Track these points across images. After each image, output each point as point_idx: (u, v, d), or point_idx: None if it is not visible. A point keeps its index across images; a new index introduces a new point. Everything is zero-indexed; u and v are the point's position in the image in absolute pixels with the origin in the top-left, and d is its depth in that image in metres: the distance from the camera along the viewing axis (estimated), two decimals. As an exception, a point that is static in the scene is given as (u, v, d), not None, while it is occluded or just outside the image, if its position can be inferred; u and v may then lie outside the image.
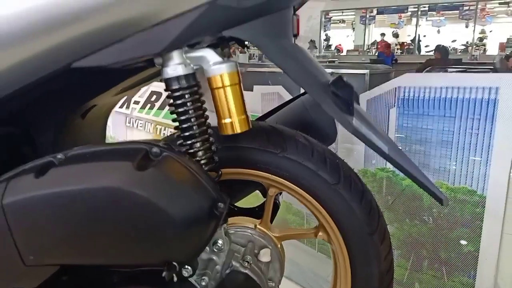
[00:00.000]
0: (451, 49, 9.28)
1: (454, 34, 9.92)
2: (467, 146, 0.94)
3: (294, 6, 0.68)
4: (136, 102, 2.15)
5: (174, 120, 0.67)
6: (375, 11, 9.77)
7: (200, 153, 0.67)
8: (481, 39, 9.97)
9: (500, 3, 9.13)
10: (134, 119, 2.18)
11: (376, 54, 9.66)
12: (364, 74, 3.35)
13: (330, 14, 10.63)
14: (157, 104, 2.01)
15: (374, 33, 10.38)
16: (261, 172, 0.78)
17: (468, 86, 0.90)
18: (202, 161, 0.67)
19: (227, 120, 0.65)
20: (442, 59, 6.80)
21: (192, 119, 0.65)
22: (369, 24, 10.14)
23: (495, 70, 5.57)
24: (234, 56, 3.67)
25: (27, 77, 0.57)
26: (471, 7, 9.41)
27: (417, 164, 1.03)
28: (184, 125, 0.65)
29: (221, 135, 0.66)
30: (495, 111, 0.88)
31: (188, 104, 0.65)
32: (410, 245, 1.06)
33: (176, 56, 0.63)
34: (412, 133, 1.02)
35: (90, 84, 0.70)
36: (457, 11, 9.43)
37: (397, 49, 10.29)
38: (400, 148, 1.05)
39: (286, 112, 0.97)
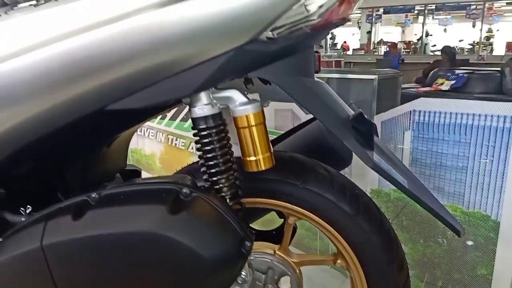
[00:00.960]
0: (458, 49, 9.24)
1: (461, 33, 9.88)
2: (481, 172, 0.95)
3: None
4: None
5: (200, 156, 0.69)
6: (381, 10, 9.72)
7: (225, 189, 0.69)
8: (488, 38, 9.93)
9: (507, 3, 9.08)
10: (146, 128, 2.21)
11: (383, 53, 9.63)
12: (372, 79, 3.36)
13: (336, 13, 10.57)
14: (169, 115, 2.04)
15: (380, 32, 10.34)
16: (281, 202, 0.80)
17: (483, 114, 0.92)
18: (227, 196, 0.69)
19: (252, 158, 0.68)
20: (449, 61, 6.78)
21: (218, 157, 0.67)
22: (375, 23, 10.10)
23: (502, 72, 5.55)
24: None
25: (64, 118, 0.60)
26: (478, 6, 9.36)
27: (432, 187, 1.05)
28: (210, 162, 0.67)
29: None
30: (510, 139, 0.89)
31: (215, 142, 0.67)
32: (424, 266, 1.08)
33: (203, 97, 0.65)
34: (427, 156, 1.04)
35: (120, 121, 0.72)
36: (464, 11, 9.38)
37: (404, 48, 10.26)
38: (416, 175, 1.06)
39: (302, 135, 0.99)
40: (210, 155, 0.67)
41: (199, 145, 0.68)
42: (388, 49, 9.34)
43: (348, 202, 0.77)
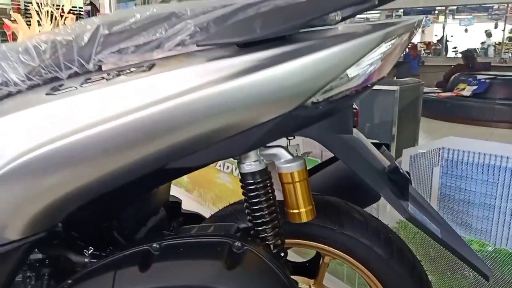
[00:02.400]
0: (479, 50, 9.10)
1: (482, 35, 9.72)
2: (509, 211, 0.99)
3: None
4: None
5: (246, 207, 0.75)
6: (401, 11, 9.63)
7: (270, 238, 0.75)
8: (510, 39, 9.75)
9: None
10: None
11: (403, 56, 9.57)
12: (394, 90, 3.37)
13: (355, 14, 10.52)
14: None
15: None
16: (319, 244, 0.85)
17: (510, 156, 0.95)
18: (271, 243, 0.75)
19: (295, 211, 0.74)
20: (470, 65, 6.71)
21: (264, 209, 0.74)
22: (395, 25, 10.04)
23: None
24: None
25: (130, 176, 0.66)
26: (501, 6, 9.20)
27: (460, 222, 1.09)
28: (256, 214, 0.74)
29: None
30: (538, 183, 0.92)
31: (261, 195, 0.73)
32: (450, 296, 1.13)
33: (252, 155, 0.72)
34: (455, 193, 1.08)
35: (174, 173, 0.79)
36: (486, 12, 9.25)
37: (423, 49, 10.16)
38: (444, 210, 1.10)
39: (330, 173, 1.03)
40: (256, 207, 0.74)
41: (245, 196, 0.74)
42: (407, 51, 9.27)
43: (382, 246, 0.83)
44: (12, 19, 2.61)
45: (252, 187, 0.73)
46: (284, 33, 0.60)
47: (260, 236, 0.75)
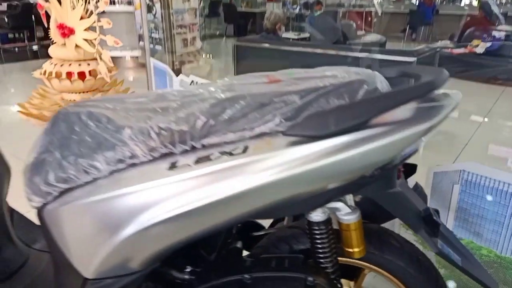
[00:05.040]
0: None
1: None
2: (515, 228, 1.20)
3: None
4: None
5: (312, 246, 0.96)
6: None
7: (329, 267, 0.97)
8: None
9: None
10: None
11: (417, 3, 9.31)
12: (412, 62, 3.47)
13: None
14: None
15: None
16: (362, 262, 1.08)
17: (522, 186, 1.15)
18: (331, 272, 0.98)
19: (350, 250, 0.95)
20: (486, 19, 6.59)
21: (326, 248, 0.95)
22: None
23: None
24: (280, 32, 3.81)
25: (226, 226, 0.87)
26: None
27: (473, 231, 1.31)
28: (321, 255, 0.95)
29: None
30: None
31: (324, 240, 0.94)
32: None
33: (319, 208, 0.92)
34: (471, 208, 1.29)
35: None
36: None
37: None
38: (461, 220, 1.32)
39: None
40: (320, 250, 0.95)
41: (311, 238, 0.95)
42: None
43: (413, 266, 1.05)
44: (44, -2, 2.69)
45: (318, 232, 0.94)
46: (356, 125, 0.77)
47: (322, 266, 0.97)
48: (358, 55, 3.76)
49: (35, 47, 9.01)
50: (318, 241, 0.95)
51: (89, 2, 2.61)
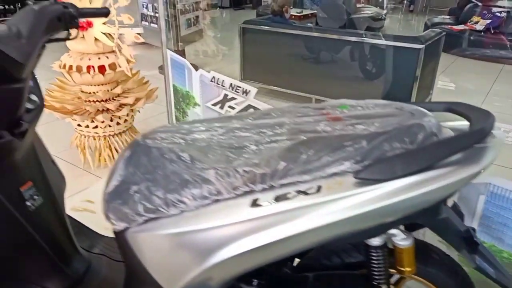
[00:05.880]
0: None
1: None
2: (535, 236, 1.35)
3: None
4: (232, 107, 2.49)
5: (367, 265, 1.10)
6: None
7: (383, 283, 1.11)
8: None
9: None
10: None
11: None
12: (420, 48, 3.53)
13: None
14: (254, 116, 2.34)
15: None
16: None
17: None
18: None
19: (402, 269, 1.09)
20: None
21: (382, 269, 1.08)
22: None
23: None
24: (287, 14, 3.86)
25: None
26: None
27: (496, 237, 1.46)
28: (376, 273, 1.09)
29: None
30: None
31: (381, 261, 1.07)
32: None
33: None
34: (495, 216, 1.44)
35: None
36: None
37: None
38: (484, 226, 1.46)
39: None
40: (376, 270, 1.08)
41: (369, 258, 1.09)
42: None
43: (452, 276, 1.20)
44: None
45: (375, 255, 1.07)
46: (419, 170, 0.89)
47: (376, 282, 1.11)
48: (366, 40, 3.82)
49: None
50: (375, 262, 1.08)
51: (108, -3, 2.61)
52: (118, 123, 2.95)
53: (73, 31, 1.40)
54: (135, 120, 3.25)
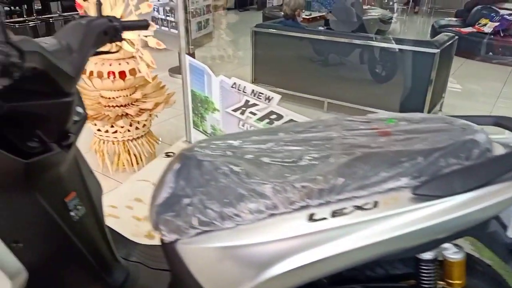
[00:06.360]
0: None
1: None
2: None
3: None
4: (253, 113, 2.49)
5: (416, 280, 1.11)
6: None
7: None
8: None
9: None
10: (249, 126, 2.55)
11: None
12: (435, 53, 3.55)
13: None
14: (276, 123, 2.36)
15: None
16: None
17: None
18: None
19: (451, 281, 1.10)
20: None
21: (432, 281, 1.10)
22: None
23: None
24: (299, 18, 3.87)
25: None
26: None
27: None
28: (425, 286, 1.10)
29: None
30: None
31: (432, 275, 1.09)
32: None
33: (430, 249, 1.06)
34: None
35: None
36: None
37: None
38: None
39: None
40: (426, 282, 1.10)
41: (420, 271, 1.10)
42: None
43: (494, 285, 1.22)
44: (82, -3, 2.69)
45: (426, 268, 1.09)
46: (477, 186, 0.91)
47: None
48: (379, 44, 3.83)
49: (31, 23, 8.73)
50: (425, 275, 1.10)
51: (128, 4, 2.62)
52: (137, 128, 2.97)
53: (115, 44, 1.41)
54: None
